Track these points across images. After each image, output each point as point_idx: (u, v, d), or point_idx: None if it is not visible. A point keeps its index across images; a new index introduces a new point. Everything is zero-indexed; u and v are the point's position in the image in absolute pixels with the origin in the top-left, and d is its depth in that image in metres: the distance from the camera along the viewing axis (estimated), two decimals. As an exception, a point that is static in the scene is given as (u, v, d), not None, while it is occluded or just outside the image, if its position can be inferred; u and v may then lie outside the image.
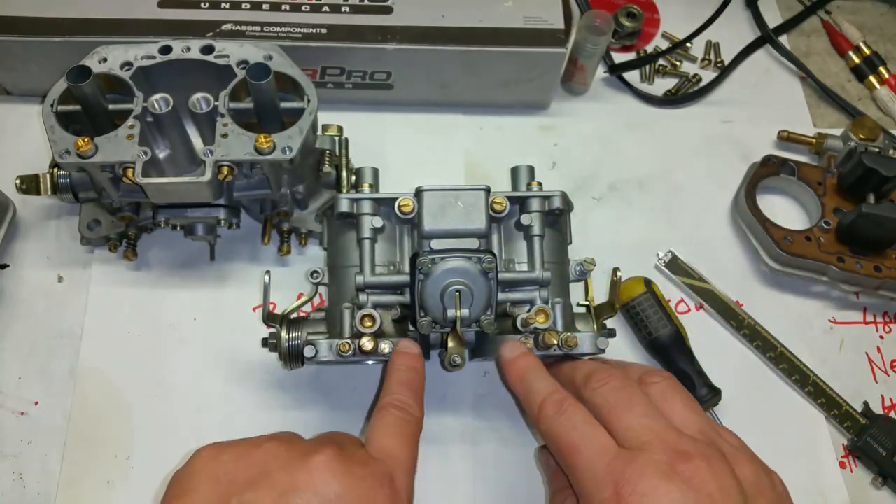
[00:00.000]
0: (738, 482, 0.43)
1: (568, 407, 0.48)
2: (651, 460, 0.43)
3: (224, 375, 0.63)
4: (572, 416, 0.47)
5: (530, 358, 0.53)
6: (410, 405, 0.50)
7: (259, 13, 0.68)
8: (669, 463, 0.43)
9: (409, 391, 0.51)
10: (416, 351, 0.54)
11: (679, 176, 0.76)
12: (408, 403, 0.50)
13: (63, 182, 0.62)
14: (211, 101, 0.57)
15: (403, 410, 0.49)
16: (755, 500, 0.43)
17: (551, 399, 0.49)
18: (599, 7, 0.81)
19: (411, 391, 0.51)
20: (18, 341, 0.63)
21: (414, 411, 0.50)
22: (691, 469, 0.42)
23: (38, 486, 0.58)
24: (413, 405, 0.50)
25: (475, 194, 0.56)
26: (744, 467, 0.44)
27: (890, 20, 0.91)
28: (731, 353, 0.68)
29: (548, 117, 0.78)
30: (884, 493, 0.63)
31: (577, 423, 0.47)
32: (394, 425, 0.48)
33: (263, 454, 0.43)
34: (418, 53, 0.69)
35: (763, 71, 0.85)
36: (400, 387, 0.51)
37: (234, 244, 0.68)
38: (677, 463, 0.43)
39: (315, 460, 0.42)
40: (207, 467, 0.43)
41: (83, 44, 0.63)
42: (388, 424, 0.48)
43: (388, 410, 0.49)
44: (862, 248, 0.69)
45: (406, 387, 0.51)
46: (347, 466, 0.42)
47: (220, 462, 0.43)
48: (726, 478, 0.43)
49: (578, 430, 0.46)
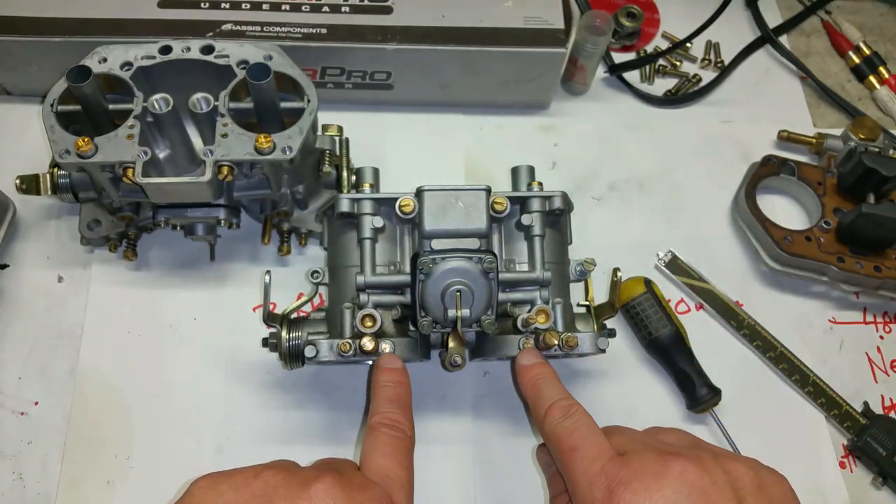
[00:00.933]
0: (730, 478, 0.43)
1: (575, 412, 0.49)
2: (644, 460, 0.44)
3: (224, 375, 0.63)
4: (578, 420, 0.48)
5: (546, 367, 0.54)
6: (401, 422, 0.50)
7: (259, 13, 0.68)
8: (661, 461, 0.43)
9: (398, 407, 0.51)
10: (399, 365, 0.54)
11: (679, 176, 0.76)
12: (398, 420, 0.50)
13: (63, 182, 0.62)
14: (211, 101, 0.57)
15: (394, 428, 0.49)
16: (754, 496, 0.43)
17: (559, 404, 0.50)
18: (599, 7, 0.81)
19: (400, 407, 0.51)
20: (18, 341, 0.63)
21: (405, 428, 0.50)
22: (682, 466, 0.43)
23: (38, 486, 0.58)
24: (403, 421, 0.50)
25: (476, 194, 0.56)
26: (736, 466, 0.44)
27: (890, 20, 0.91)
28: (731, 353, 0.68)
29: (548, 117, 0.78)
30: (884, 493, 0.63)
31: (581, 426, 0.48)
32: (387, 444, 0.48)
33: (263, 484, 0.42)
34: (418, 53, 0.69)
35: (763, 71, 0.85)
36: (388, 404, 0.51)
37: (234, 244, 0.68)
38: (669, 461, 0.43)
39: (315, 488, 0.42)
40: (206, 498, 0.42)
41: (83, 44, 0.63)
42: (381, 444, 0.48)
43: (379, 430, 0.49)
44: (862, 248, 0.69)
45: (394, 403, 0.51)
46: (348, 493, 0.42)
47: (219, 493, 0.42)
48: (718, 473, 0.43)
49: (581, 432, 0.47)
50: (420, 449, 0.50)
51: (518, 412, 0.64)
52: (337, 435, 0.62)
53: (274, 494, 0.42)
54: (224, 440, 0.61)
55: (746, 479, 0.43)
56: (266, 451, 0.60)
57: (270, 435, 0.61)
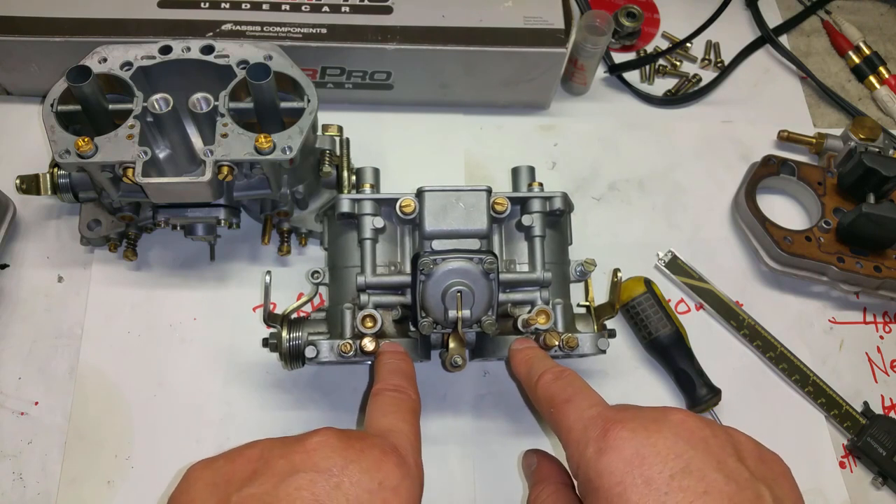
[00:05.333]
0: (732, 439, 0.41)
1: (568, 374, 0.48)
2: (642, 409, 0.43)
3: (224, 375, 0.63)
4: (571, 378, 0.47)
5: (538, 348, 0.54)
6: (404, 386, 0.49)
7: (259, 13, 0.68)
8: (661, 410, 0.42)
9: (401, 377, 0.50)
10: (400, 349, 0.54)
11: (679, 176, 0.76)
12: (401, 385, 0.49)
13: (63, 182, 0.62)
14: (211, 101, 0.57)
15: (398, 391, 0.48)
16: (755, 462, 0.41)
17: (553, 370, 0.49)
18: (599, 7, 0.81)
19: (403, 376, 0.50)
20: (18, 341, 0.63)
21: (408, 391, 0.49)
22: (683, 415, 0.41)
23: (38, 486, 0.58)
24: (407, 387, 0.49)
25: (476, 195, 0.56)
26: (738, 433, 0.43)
27: (890, 20, 0.91)
28: (731, 353, 0.68)
29: (548, 117, 0.78)
30: (884, 493, 0.63)
31: (574, 382, 0.47)
32: (390, 404, 0.47)
33: (258, 450, 0.42)
34: (418, 53, 0.69)
35: (763, 71, 0.85)
36: (391, 374, 0.50)
37: (234, 244, 0.68)
38: (668, 411, 0.42)
39: (311, 441, 0.41)
40: (202, 476, 0.41)
41: (83, 44, 0.63)
42: (384, 404, 0.47)
43: (382, 394, 0.48)
44: (862, 248, 0.69)
45: (397, 374, 0.50)
46: (347, 442, 0.41)
47: (214, 468, 0.42)
48: (720, 430, 0.41)
49: (575, 387, 0.46)
50: (420, 449, 0.50)
51: (518, 412, 0.64)
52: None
53: (269, 455, 0.41)
54: (224, 440, 0.61)
55: (749, 445, 0.42)
56: (266, 451, 0.60)
57: (270, 435, 0.60)
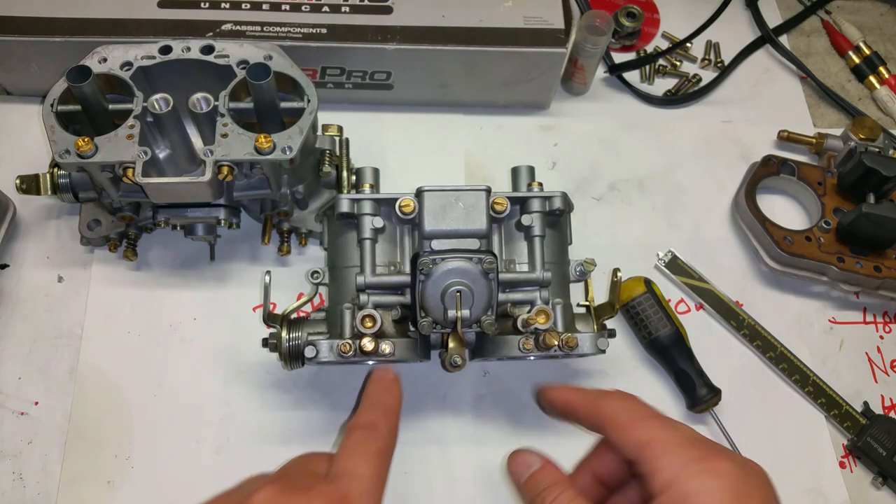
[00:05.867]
0: None
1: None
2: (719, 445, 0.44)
3: (224, 375, 0.63)
4: None
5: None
6: (376, 423, 0.49)
7: (259, 13, 0.68)
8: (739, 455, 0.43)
9: (380, 411, 0.50)
10: (390, 375, 0.53)
11: (679, 176, 0.76)
12: (373, 422, 0.49)
13: (63, 182, 0.62)
14: (211, 101, 0.57)
15: (368, 429, 0.48)
16: None
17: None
18: (599, 7, 0.81)
19: (381, 410, 0.50)
20: (18, 341, 0.63)
21: (380, 429, 0.48)
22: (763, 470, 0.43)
23: (38, 486, 0.58)
24: (380, 423, 0.49)
25: (476, 195, 0.56)
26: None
27: (890, 20, 0.91)
28: (731, 353, 0.68)
29: (548, 117, 0.78)
30: (884, 493, 0.63)
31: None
32: (356, 444, 0.47)
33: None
34: (418, 53, 0.69)
35: (763, 71, 0.85)
36: (369, 408, 0.50)
37: (234, 244, 0.68)
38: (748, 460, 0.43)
39: (252, 500, 0.41)
40: None
41: (83, 44, 0.63)
42: (350, 444, 0.47)
43: (352, 431, 0.48)
44: (862, 248, 0.69)
45: (375, 407, 0.50)
46: (290, 497, 0.41)
47: None
48: None
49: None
50: (420, 449, 0.50)
51: (518, 412, 0.64)
52: (337, 435, 0.62)
53: None
54: (224, 440, 0.61)
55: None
56: (266, 451, 0.60)
57: (270, 435, 0.61)
